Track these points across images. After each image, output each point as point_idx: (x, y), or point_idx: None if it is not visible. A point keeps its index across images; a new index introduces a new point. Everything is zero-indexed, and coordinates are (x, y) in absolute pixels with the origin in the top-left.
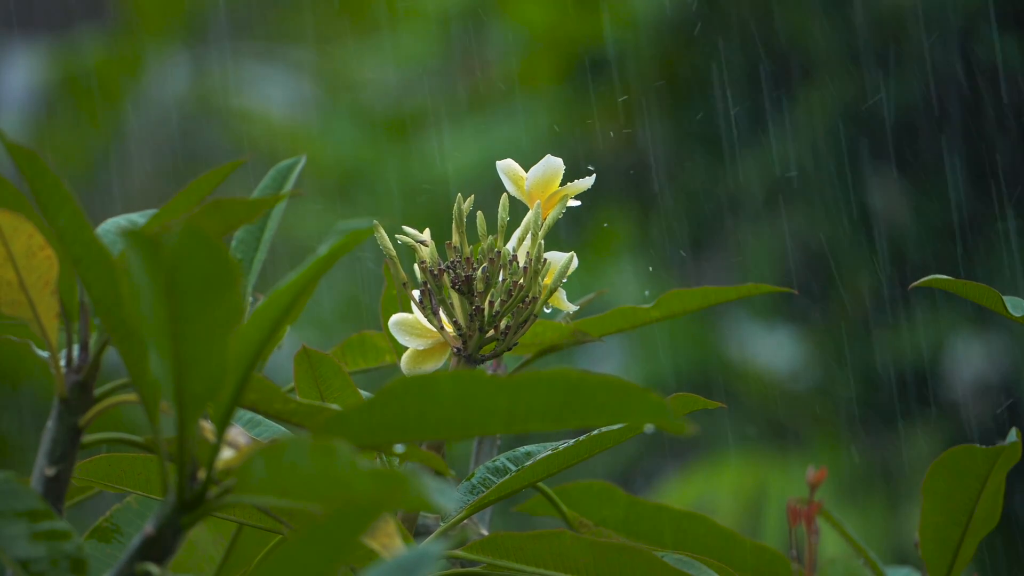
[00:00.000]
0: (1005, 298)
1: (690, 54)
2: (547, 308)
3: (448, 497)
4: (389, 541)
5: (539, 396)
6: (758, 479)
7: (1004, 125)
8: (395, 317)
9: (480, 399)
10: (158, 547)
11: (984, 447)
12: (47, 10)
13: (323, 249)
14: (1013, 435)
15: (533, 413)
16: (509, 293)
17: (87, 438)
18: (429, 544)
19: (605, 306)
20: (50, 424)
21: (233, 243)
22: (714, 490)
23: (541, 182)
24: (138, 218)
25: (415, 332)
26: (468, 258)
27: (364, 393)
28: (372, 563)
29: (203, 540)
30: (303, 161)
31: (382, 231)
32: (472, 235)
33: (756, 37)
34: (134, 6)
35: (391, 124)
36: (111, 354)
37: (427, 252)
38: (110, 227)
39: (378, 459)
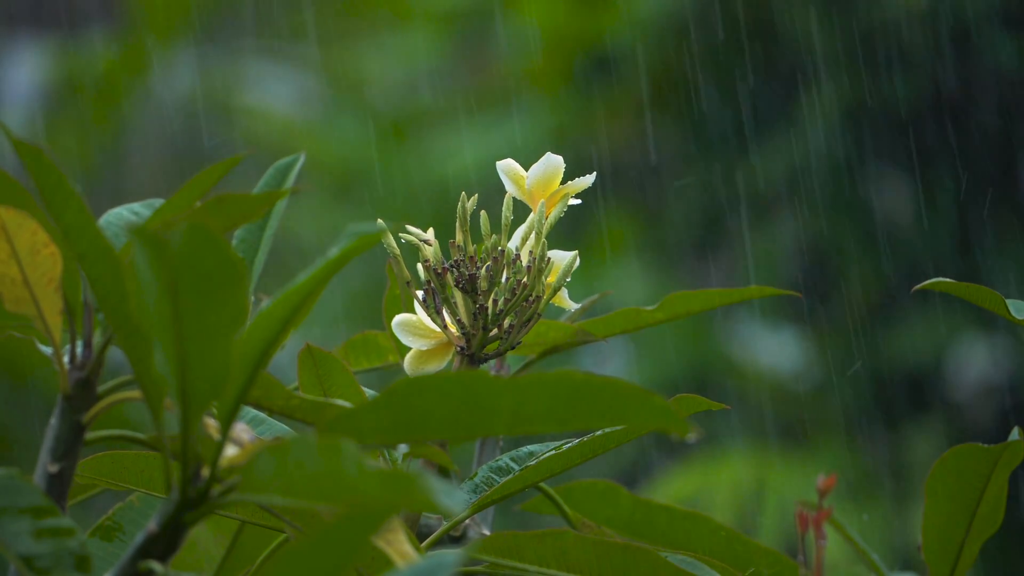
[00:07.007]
0: (1008, 301)
1: (695, 54)
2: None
3: (454, 499)
4: (395, 540)
5: (543, 398)
6: (757, 476)
7: (1009, 126)
8: (398, 318)
9: (485, 400)
10: (161, 544)
11: (986, 446)
12: (54, 8)
13: (333, 251)
14: (1015, 434)
15: (537, 414)
16: (513, 292)
17: (90, 435)
18: (448, 552)
19: (609, 307)
20: (53, 421)
21: (234, 243)
22: (712, 485)
23: (542, 181)
24: (141, 208)
25: (418, 332)
26: (472, 256)
27: (368, 392)
28: (377, 566)
29: (204, 539)
30: (302, 159)
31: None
32: (476, 234)
33: (762, 37)
34: (141, 5)
35: (396, 122)
36: (114, 351)
37: (431, 251)
38: (112, 219)
39: (381, 456)
